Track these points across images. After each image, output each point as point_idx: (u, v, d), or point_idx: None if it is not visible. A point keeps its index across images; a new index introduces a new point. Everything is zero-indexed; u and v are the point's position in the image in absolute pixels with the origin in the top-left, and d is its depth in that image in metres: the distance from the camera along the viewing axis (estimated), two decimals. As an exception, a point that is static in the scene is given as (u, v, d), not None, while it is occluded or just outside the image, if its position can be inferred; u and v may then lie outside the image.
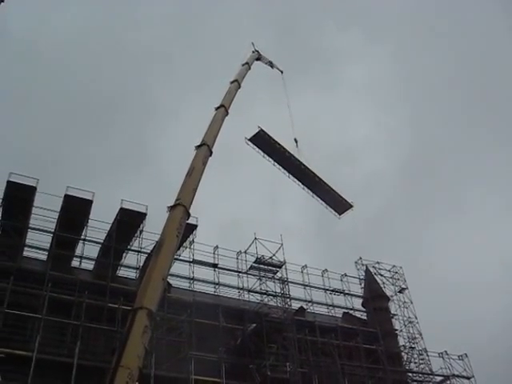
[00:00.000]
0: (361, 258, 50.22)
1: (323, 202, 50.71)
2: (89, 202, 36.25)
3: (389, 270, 50.01)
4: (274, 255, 41.61)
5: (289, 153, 47.70)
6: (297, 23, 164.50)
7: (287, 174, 49.22)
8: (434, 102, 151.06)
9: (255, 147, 47.08)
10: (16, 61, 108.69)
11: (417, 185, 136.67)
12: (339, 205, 50.89)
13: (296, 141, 48.35)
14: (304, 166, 48.10)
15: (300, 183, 49.74)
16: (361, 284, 49.39)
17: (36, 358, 27.17)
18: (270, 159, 48.22)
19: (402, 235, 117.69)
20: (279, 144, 47.04)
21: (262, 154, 47.59)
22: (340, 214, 51.73)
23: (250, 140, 46.31)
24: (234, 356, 35.64)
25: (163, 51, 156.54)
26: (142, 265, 37.78)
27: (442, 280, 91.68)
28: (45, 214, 36.24)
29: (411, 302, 48.47)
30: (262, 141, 46.46)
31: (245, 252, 42.56)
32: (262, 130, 45.72)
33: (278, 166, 48.71)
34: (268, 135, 46.26)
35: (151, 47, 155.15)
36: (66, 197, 35.58)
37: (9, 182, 34.23)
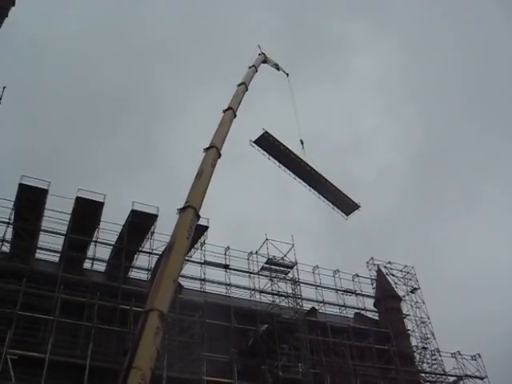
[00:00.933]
0: (372, 258, 50.09)
1: (330, 203, 50.51)
2: (100, 204, 36.43)
3: (400, 270, 49.78)
4: (285, 256, 41.64)
5: (294, 154, 47.50)
6: (306, 12, 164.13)
7: (293, 175, 49.05)
8: (446, 96, 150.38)
9: (260, 149, 46.98)
10: (22, 61, 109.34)
11: (428, 181, 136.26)
12: (346, 205, 50.66)
13: (302, 142, 48.20)
14: (309, 167, 47.93)
15: (306, 184, 49.54)
16: (372, 284, 49.23)
17: (49, 360, 27.29)
18: (276, 161, 48.09)
19: (414, 233, 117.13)
20: (284, 146, 46.86)
21: (268, 156, 47.47)
22: (347, 215, 51.51)
23: (255, 142, 46.18)
24: (245, 357, 35.56)
25: (169, 49, 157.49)
26: (153, 266, 37.87)
27: (455, 279, 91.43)
28: (56, 217, 36.51)
29: (423, 302, 48.22)
30: (267, 143, 46.28)
31: (256, 253, 42.59)
32: (266, 132, 45.56)
33: (283, 167, 48.57)
34: (272, 137, 46.09)
35: (157, 45, 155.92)
36: (78, 199, 35.77)
37: (21, 185, 34.45)
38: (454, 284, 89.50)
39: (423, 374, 45.25)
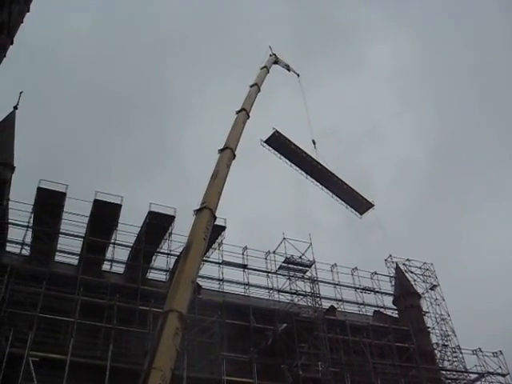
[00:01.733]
0: (391, 256, 49.76)
1: (344, 202, 50.15)
2: (118, 207, 36.71)
3: (419, 267, 49.48)
4: (303, 254, 41.57)
5: (305, 153, 47.20)
6: (318, 1, 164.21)
7: (305, 175, 48.76)
8: (463, 86, 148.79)
9: (271, 149, 46.77)
10: (36, 63, 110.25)
11: (446, 174, 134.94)
12: (360, 204, 50.17)
13: (314, 142, 47.83)
14: (321, 166, 47.65)
15: (319, 184, 49.21)
16: (391, 282, 48.91)
17: (70, 361, 27.51)
18: (287, 161, 47.84)
19: (432, 228, 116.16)
20: (295, 145, 46.55)
21: (279, 155, 47.24)
22: (361, 214, 51.00)
23: (266, 142, 45.96)
24: (265, 356, 35.57)
25: (182, 46, 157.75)
26: (171, 267, 38.04)
27: (475, 274, 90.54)
28: (75, 219, 36.84)
29: (443, 299, 47.87)
30: (278, 142, 45.99)
31: (274, 252, 42.52)
32: (276, 132, 45.33)
33: (295, 167, 48.29)
34: (283, 136, 45.81)
35: (169, 42, 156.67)
36: (96, 202, 36.10)
37: (39, 189, 34.86)
38: (475, 279, 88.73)
39: (444, 372, 44.89)
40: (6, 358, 25.87)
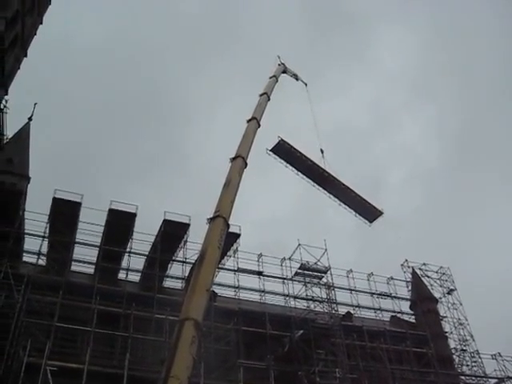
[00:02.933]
0: (407, 261, 49.52)
1: (352, 211, 49.68)
2: (133, 215, 36.93)
3: (436, 272, 49.19)
4: (318, 261, 41.44)
5: (311, 161, 46.77)
6: None
7: (312, 183, 48.40)
8: (480, 84, 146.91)
9: (277, 157, 46.52)
10: (46, 70, 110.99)
11: (462, 174, 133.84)
12: (369, 212, 49.49)
13: (322, 151, 47.33)
14: (329, 174, 47.12)
15: (326, 192, 48.63)
16: (408, 287, 48.71)
17: (87, 370, 27.47)
18: (294, 169, 47.29)
19: (448, 228, 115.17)
20: (301, 153, 46.25)
21: (285, 164, 46.99)
22: (371, 222, 50.27)
23: (272, 150, 45.76)
24: (282, 363, 35.40)
25: (196, 50, 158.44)
26: (187, 275, 38.10)
27: (493, 276, 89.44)
28: (90, 229, 37.08)
29: (460, 304, 47.54)
30: (284, 150, 45.66)
31: (289, 259, 42.47)
32: (282, 140, 45.08)
33: (301, 175, 47.91)
34: (289, 144, 45.48)
35: (183, 47, 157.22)
36: (111, 211, 36.30)
37: (54, 199, 35.10)
38: (493, 281, 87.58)
39: (463, 377, 44.57)
40: (24, 368, 25.95)
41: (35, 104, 47.79)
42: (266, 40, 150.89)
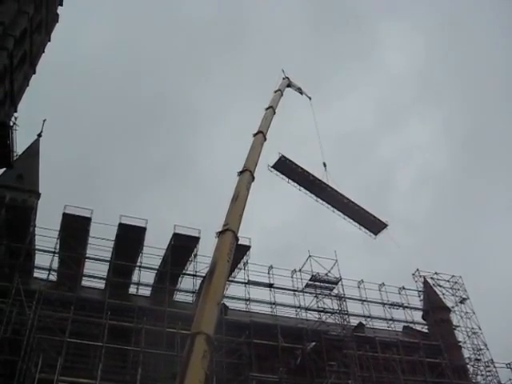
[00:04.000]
0: (418, 270, 49.28)
1: (357, 224, 49.49)
2: (142, 230, 36.99)
3: (448, 281, 48.82)
4: (329, 272, 41.30)
5: (313, 176, 46.70)
6: None
7: (315, 197, 48.33)
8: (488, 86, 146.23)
9: (279, 173, 46.60)
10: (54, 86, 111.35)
11: (471, 181, 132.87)
12: (374, 225, 49.20)
13: (325, 165, 47.28)
14: (331, 188, 46.86)
15: (329, 206, 48.35)
16: (420, 296, 48.40)
17: (99, 386, 27.53)
18: (296, 184, 47.28)
19: (459, 240, 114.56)
20: (302, 168, 46.33)
21: (287, 179, 47.09)
22: (376, 235, 50.11)
23: (273, 167, 45.95)
24: (294, 376, 35.27)
25: (201, 55, 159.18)
26: (197, 288, 38.03)
27: (506, 284, 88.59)
28: (100, 243, 37.14)
29: (473, 313, 47.13)
30: (285, 167, 45.91)
31: (299, 270, 42.30)
32: (283, 156, 45.27)
33: (304, 190, 47.83)
34: (290, 160, 45.64)
35: (188, 52, 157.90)
36: (121, 225, 36.41)
37: (65, 215, 35.26)
38: (506, 289, 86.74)
39: (478, 387, 44.08)
40: (36, 384, 25.99)
41: (44, 120, 48.22)
42: (271, 45, 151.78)
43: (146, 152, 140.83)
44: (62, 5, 41.60)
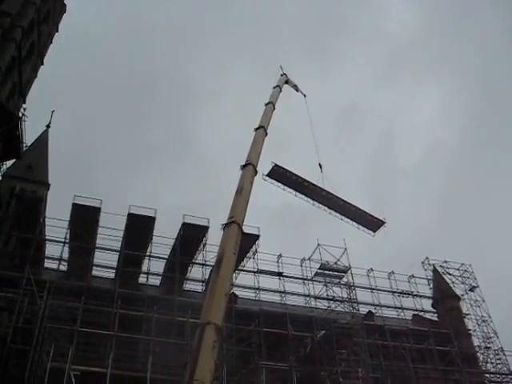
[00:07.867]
0: (427, 258, 49.20)
1: (354, 223, 49.48)
2: (152, 219, 37.08)
3: (457, 269, 48.69)
4: (338, 260, 41.32)
5: (308, 182, 46.60)
6: None
7: (311, 201, 48.32)
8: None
9: (274, 182, 46.65)
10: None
11: (478, 157, 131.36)
12: (371, 223, 49.01)
13: (320, 166, 47.35)
14: (326, 191, 46.72)
15: (327, 208, 48.14)
16: (429, 284, 48.29)
17: (110, 374, 27.58)
18: (292, 191, 47.08)
19: (468, 226, 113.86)
20: (296, 175, 46.39)
21: (282, 187, 47.14)
22: (374, 232, 50.04)
23: (268, 176, 46.06)
24: (304, 364, 35.41)
25: (198, 32, 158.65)
26: (207, 277, 38.13)
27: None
28: (110, 234, 37.31)
29: (483, 300, 47.07)
30: (279, 174, 46.01)
31: (309, 259, 42.38)
32: (276, 165, 45.38)
33: (300, 195, 47.81)
34: (283, 168, 45.70)
35: (184, 28, 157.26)
36: (130, 215, 36.50)
37: (74, 205, 35.40)
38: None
39: (488, 375, 44.03)
40: (48, 373, 26.17)
41: (53, 111, 48.35)
42: (269, 20, 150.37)
43: (143, 128, 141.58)
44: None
